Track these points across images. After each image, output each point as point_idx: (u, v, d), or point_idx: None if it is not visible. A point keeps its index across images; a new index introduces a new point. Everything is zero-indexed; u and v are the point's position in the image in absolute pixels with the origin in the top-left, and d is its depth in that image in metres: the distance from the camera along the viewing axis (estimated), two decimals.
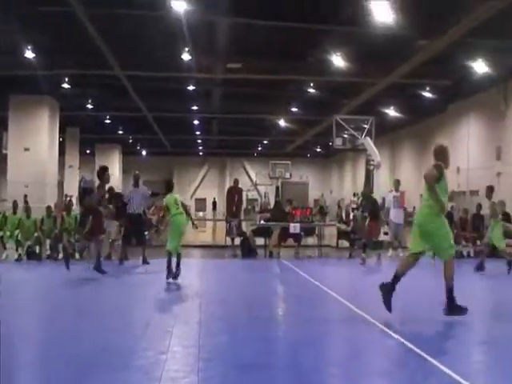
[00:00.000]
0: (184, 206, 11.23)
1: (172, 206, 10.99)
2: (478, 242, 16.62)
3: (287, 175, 41.56)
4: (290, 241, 16.80)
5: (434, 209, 7.35)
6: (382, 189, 20.61)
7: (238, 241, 17.05)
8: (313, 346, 6.10)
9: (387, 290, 7.35)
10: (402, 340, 6.22)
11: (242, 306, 8.66)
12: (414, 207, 38.21)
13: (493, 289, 11.25)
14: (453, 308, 7.27)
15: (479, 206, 17.21)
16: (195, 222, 12.25)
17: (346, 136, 23.12)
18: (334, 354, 6.07)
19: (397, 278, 7.39)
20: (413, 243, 7.65)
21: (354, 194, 36.58)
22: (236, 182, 18.42)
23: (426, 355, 5.58)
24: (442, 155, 8.12)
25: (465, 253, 16.44)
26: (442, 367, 5.21)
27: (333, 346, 6.44)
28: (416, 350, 5.80)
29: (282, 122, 39.78)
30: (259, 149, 55.72)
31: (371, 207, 14.65)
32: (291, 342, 6.43)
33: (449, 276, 7.31)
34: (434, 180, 7.46)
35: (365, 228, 14.48)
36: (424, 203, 7.50)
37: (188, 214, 11.46)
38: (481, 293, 10.76)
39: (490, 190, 13.60)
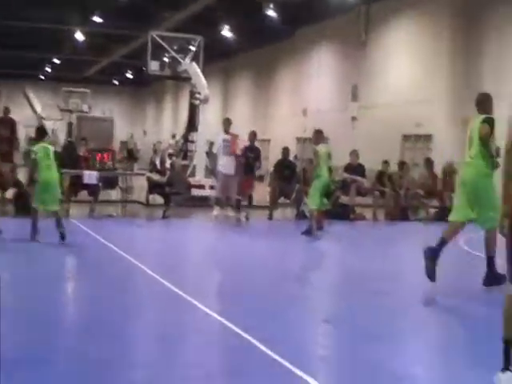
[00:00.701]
0: None
1: None
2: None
3: (85, 108, 40.33)
4: (84, 194, 16.32)
5: (483, 168, 8.29)
6: (212, 130, 20.71)
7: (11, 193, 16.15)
8: (117, 331, 5.95)
9: (432, 256, 8.16)
10: (226, 322, 6.36)
11: None
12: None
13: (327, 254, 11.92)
14: (492, 277, 8.26)
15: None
16: None
17: (165, 59, 22.81)
18: (137, 341, 5.96)
19: (443, 243, 8.31)
20: (455, 211, 8.59)
21: (173, 136, 36.58)
22: (6, 110, 17.82)
23: (256, 341, 5.74)
24: (488, 104, 8.85)
25: (307, 212, 17.10)
26: (268, 351, 5.37)
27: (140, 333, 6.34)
28: (244, 335, 5.92)
29: (79, 36, 38.41)
30: (48, 70, 53.94)
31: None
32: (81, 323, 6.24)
33: (491, 249, 8.29)
34: (489, 136, 8.28)
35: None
36: (470, 161, 8.38)
37: None
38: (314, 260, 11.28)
39: (318, 134, 14.27)
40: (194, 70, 20.90)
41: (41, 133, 12.40)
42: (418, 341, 6.26)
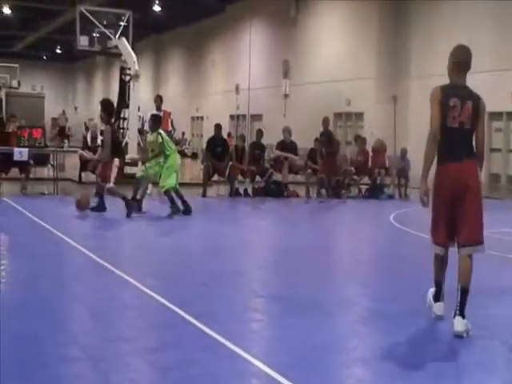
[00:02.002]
0: None
1: None
2: (258, 178, 17.57)
3: (14, 84, 39.41)
4: (16, 171, 16.05)
5: None
6: (144, 107, 20.56)
7: None
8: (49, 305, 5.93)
9: None
10: (158, 297, 6.42)
11: None
12: (184, 133, 39.15)
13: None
14: None
15: (260, 133, 18.08)
16: None
17: (95, 35, 22.44)
18: (68, 317, 5.95)
19: None
20: None
21: None
22: None
23: (188, 316, 5.82)
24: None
25: (241, 190, 17.23)
26: (200, 325, 5.49)
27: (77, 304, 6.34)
28: (179, 311, 6.00)
29: (6, 9, 37.43)
30: None
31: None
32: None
33: None
34: None
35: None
36: None
37: None
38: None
39: (157, 118, 13.56)
40: (124, 45, 20.64)
41: None
42: (347, 313, 6.42)
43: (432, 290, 6.13)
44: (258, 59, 34.25)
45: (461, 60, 5.90)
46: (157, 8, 36.18)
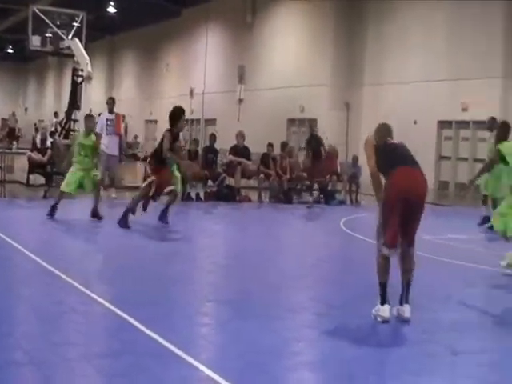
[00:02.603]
0: None
1: None
2: (210, 182, 17.55)
3: None
4: None
5: None
6: (96, 109, 20.43)
7: None
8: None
9: None
10: (107, 303, 6.39)
11: None
12: (137, 136, 38.86)
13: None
14: None
15: (213, 137, 18.09)
16: None
17: (47, 35, 22.21)
18: (16, 321, 5.88)
19: None
20: None
21: (56, 114, 35.59)
22: None
23: (138, 323, 5.78)
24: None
25: (193, 194, 17.17)
26: (148, 331, 5.47)
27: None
28: (127, 317, 5.97)
29: None
30: None
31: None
32: None
33: None
34: None
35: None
36: None
37: None
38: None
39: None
40: (77, 46, 20.46)
41: None
42: (295, 318, 6.46)
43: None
44: (213, 63, 34.24)
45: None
46: (111, 9, 35.94)
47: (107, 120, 16.19)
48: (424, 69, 23.46)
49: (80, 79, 20.50)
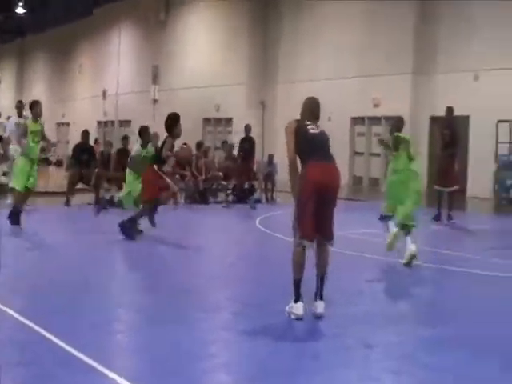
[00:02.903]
0: None
1: None
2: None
3: None
4: None
5: None
6: (5, 113, 19.92)
7: None
8: None
9: None
10: (15, 314, 6.24)
11: None
12: (49, 140, 38.00)
13: None
14: None
15: (125, 139, 17.84)
16: None
17: None
18: None
19: None
20: None
21: None
22: None
23: (49, 334, 5.66)
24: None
25: (108, 196, 16.86)
26: (61, 343, 5.35)
27: None
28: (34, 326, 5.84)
29: None
30: None
31: None
32: None
33: None
34: None
35: None
36: None
37: None
38: None
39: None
40: None
41: None
42: (211, 319, 6.43)
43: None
44: (126, 64, 33.83)
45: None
46: (20, 10, 35.02)
47: (16, 124, 15.75)
48: (336, 66, 23.81)
49: None
